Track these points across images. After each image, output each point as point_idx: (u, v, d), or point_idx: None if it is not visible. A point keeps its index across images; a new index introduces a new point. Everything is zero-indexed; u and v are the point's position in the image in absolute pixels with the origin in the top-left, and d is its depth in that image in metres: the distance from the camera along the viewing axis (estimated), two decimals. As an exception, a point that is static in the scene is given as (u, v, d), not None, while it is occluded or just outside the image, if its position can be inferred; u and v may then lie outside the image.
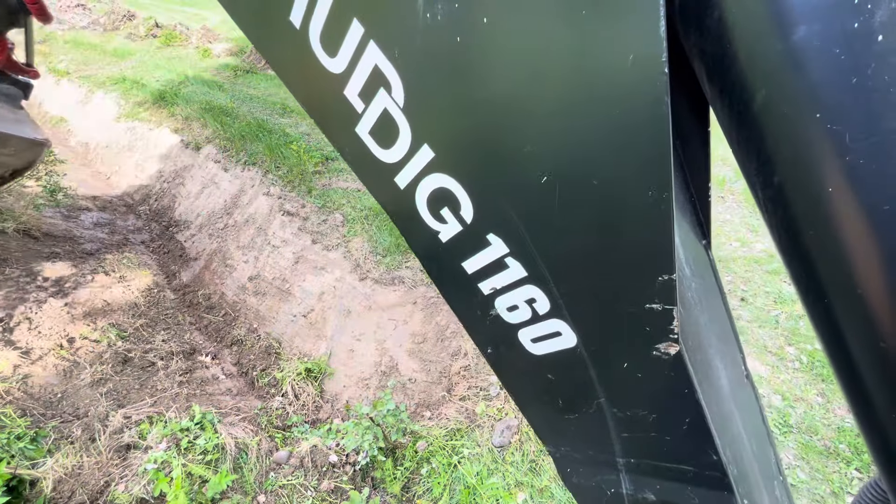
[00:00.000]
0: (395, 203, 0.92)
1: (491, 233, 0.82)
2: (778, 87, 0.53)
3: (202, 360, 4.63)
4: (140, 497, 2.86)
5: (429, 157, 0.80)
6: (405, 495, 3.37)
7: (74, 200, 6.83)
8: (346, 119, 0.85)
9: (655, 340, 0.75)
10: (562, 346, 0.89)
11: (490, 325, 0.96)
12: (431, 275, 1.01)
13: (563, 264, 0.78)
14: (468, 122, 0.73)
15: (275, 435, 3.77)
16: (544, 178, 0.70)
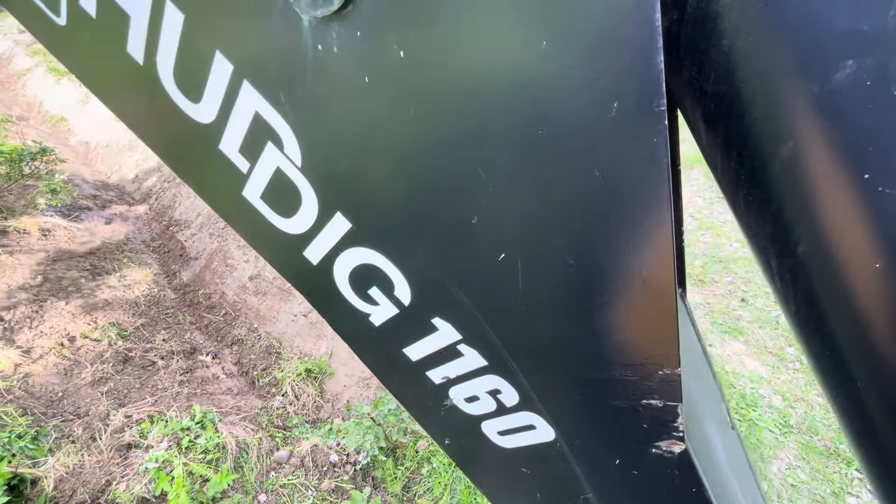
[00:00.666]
0: (307, 281, 0.75)
1: (437, 317, 0.67)
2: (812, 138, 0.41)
3: (203, 360, 4.63)
4: (141, 496, 2.86)
5: (345, 229, 0.64)
6: (406, 495, 3.37)
7: (75, 200, 6.83)
8: (227, 181, 0.67)
9: (655, 438, 0.63)
10: (537, 440, 0.75)
11: (445, 416, 0.81)
12: (365, 362, 0.84)
13: (532, 354, 0.64)
14: (391, 185, 0.57)
15: (275, 434, 3.78)
16: (502, 255, 0.55)
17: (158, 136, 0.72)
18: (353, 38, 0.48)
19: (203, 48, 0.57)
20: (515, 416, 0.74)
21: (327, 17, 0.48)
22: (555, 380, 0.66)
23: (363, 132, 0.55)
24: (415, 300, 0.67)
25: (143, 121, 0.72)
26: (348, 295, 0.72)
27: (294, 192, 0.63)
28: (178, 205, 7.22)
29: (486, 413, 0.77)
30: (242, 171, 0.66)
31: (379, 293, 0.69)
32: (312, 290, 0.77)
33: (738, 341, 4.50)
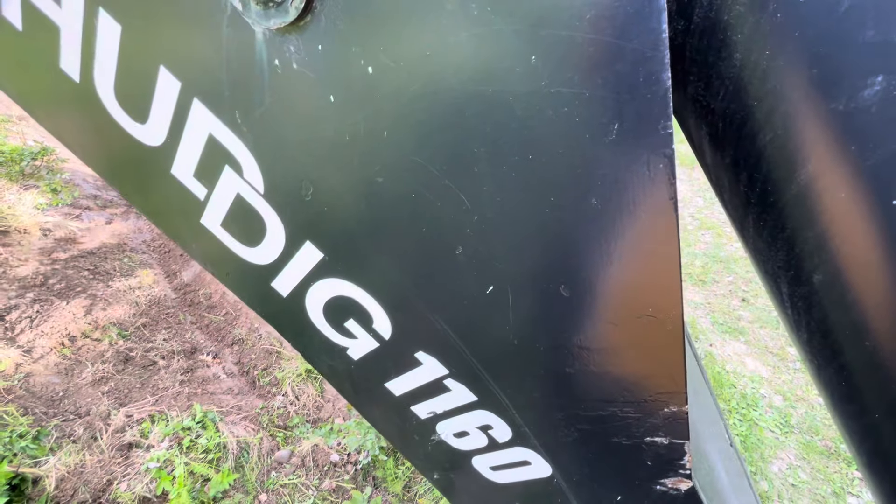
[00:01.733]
0: (278, 314, 0.69)
1: (420, 351, 0.62)
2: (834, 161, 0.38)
3: (203, 360, 4.63)
4: (142, 495, 2.86)
5: (316, 259, 0.59)
6: (407, 494, 3.37)
7: (76, 200, 6.84)
8: (183, 208, 0.61)
9: (660, 476, 0.59)
10: (532, 475, 0.71)
11: (433, 451, 0.77)
12: (346, 396, 0.79)
13: (526, 390, 0.60)
14: (364, 212, 0.52)
15: (276, 434, 3.78)
16: (490, 287, 0.51)
17: (104, 160, 0.65)
18: (314, 53, 0.43)
19: (145, 63, 0.50)
20: (509, 452, 0.69)
21: (283, 29, 0.42)
22: (551, 416, 0.61)
23: (330, 156, 0.49)
24: (396, 333, 0.62)
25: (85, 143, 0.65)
26: (323, 328, 0.66)
27: (258, 219, 0.58)
28: (179, 205, 7.24)
29: (478, 448, 0.72)
30: (199, 198, 0.59)
31: (356, 326, 0.64)
32: (284, 323, 0.71)
33: (738, 341, 4.50)
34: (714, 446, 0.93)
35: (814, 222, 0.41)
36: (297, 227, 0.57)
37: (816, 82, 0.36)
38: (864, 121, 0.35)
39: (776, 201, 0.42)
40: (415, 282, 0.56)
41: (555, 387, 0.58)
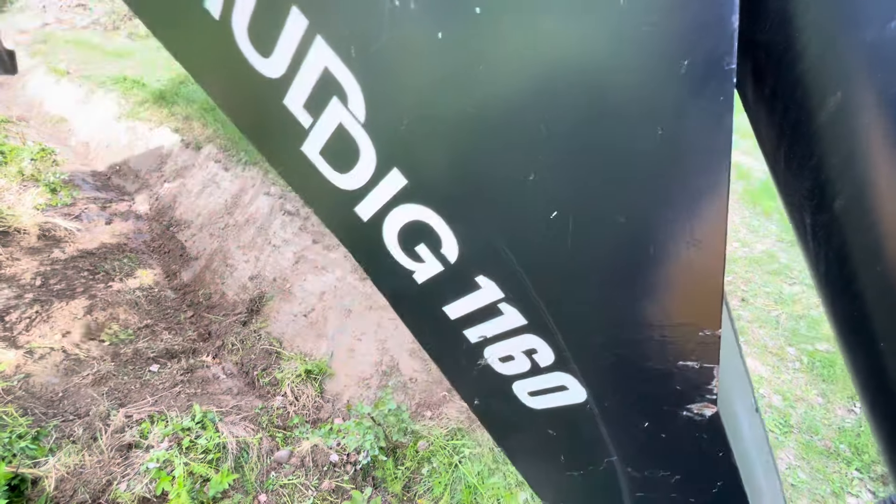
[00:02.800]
0: (355, 237, 0.76)
1: (481, 275, 0.67)
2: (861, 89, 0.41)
3: (203, 360, 4.63)
4: (142, 496, 2.86)
5: (400, 185, 0.64)
6: (406, 494, 3.38)
7: (75, 200, 6.84)
8: (288, 136, 0.68)
9: (687, 401, 0.63)
10: (567, 401, 0.76)
11: (477, 376, 0.82)
12: (403, 319, 0.85)
13: (574, 315, 0.65)
14: (453, 142, 0.58)
15: (276, 434, 3.78)
16: (554, 213, 0.56)
17: (224, 88, 0.73)
18: None
19: (280, 4, 0.57)
20: (548, 377, 0.75)
21: None
22: (593, 340, 0.66)
23: (430, 89, 0.55)
24: (461, 258, 0.67)
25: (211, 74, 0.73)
26: (395, 252, 0.73)
27: (353, 147, 0.64)
28: (179, 205, 7.23)
29: (520, 373, 0.77)
30: (304, 126, 0.66)
31: (426, 250, 0.70)
32: (360, 246, 0.78)
33: (737, 341, 4.50)
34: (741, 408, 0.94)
35: (839, 148, 0.44)
36: (388, 154, 0.63)
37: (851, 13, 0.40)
38: (890, 51, 0.38)
39: (807, 129, 0.46)
40: (487, 207, 0.61)
41: (601, 310, 0.62)
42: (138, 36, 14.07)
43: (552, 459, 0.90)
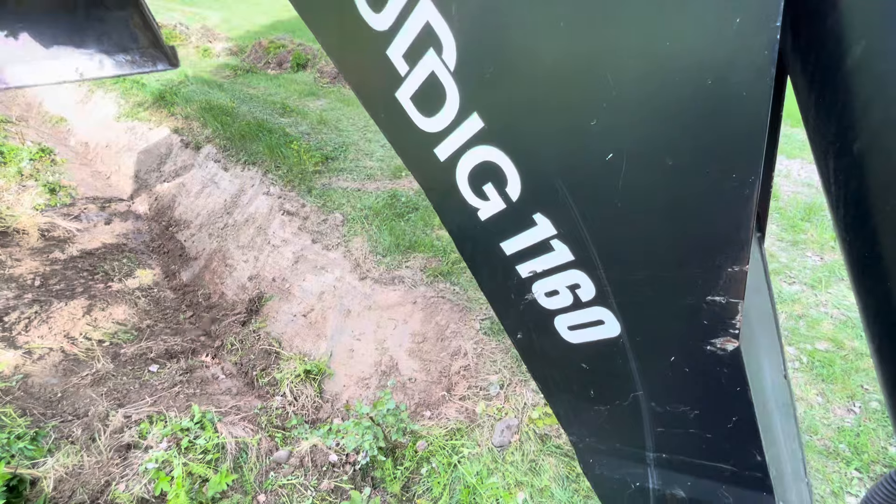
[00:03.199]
0: (431, 176, 0.85)
1: (538, 212, 0.75)
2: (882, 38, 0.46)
3: (202, 360, 4.63)
4: (141, 496, 2.86)
5: (477, 128, 0.73)
6: (405, 495, 3.37)
7: (74, 200, 6.83)
8: (385, 82, 0.77)
9: (712, 335, 0.68)
10: (602, 335, 0.83)
11: (524, 310, 0.91)
12: (464, 254, 0.95)
13: (617, 250, 0.71)
14: (529, 89, 0.65)
15: (275, 434, 3.78)
16: (610, 155, 0.62)
17: (336, 38, 0.83)
18: None
19: None
20: (588, 311, 0.81)
21: None
22: (633, 276, 0.71)
23: (515, 42, 0.62)
24: (522, 196, 0.75)
25: (325, 25, 0.83)
26: (464, 190, 0.81)
27: (441, 93, 0.72)
28: (178, 205, 7.22)
29: (562, 307, 0.84)
30: (401, 74, 0.75)
31: (492, 189, 0.78)
32: (434, 185, 0.86)
33: (737, 341, 4.49)
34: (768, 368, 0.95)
35: (860, 94, 0.50)
36: (471, 99, 0.70)
37: None
38: None
39: (834, 77, 0.51)
40: (552, 149, 0.68)
41: (642, 248, 0.68)
42: (138, 36, 14.04)
43: (583, 394, 0.98)
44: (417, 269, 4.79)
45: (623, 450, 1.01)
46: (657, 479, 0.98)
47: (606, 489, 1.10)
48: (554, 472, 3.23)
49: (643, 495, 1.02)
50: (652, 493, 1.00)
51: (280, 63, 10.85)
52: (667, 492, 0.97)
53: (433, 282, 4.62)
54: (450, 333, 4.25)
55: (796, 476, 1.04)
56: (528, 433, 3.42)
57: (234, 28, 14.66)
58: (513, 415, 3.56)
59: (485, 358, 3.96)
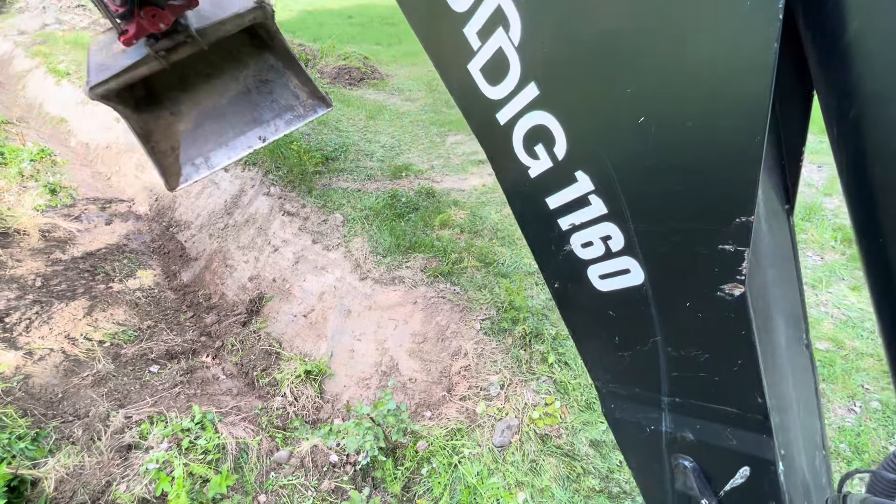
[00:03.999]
0: (491, 138, 0.97)
1: (580, 170, 0.86)
2: (869, 21, 0.55)
3: (203, 361, 4.63)
4: (142, 497, 2.87)
5: (533, 95, 0.84)
6: (406, 495, 3.37)
7: (75, 201, 6.84)
8: (460, 56, 0.90)
9: (722, 281, 0.77)
10: (628, 283, 0.92)
11: (562, 261, 1.02)
12: (514, 209, 1.06)
13: (644, 203, 0.81)
14: (578, 62, 0.76)
15: (275, 435, 3.78)
16: (641, 118, 0.73)
17: (424, 20, 0.97)
18: None
19: None
20: (617, 261, 0.91)
21: None
22: (656, 227, 0.82)
23: (570, 22, 0.74)
24: (567, 155, 0.86)
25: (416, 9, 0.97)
26: (518, 150, 0.93)
27: (505, 65, 0.84)
28: (178, 206, 7.23)
29: (595, 258, 0.95)
30: (473, 49, 0.88)
31: (542, 149, 0.89)
32: (493, 145, 0.99)
33: (737, 341, 4.49)
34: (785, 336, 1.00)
35: (853, 67, 0.58)
36: (529, 70, 0.82)
37: None
38: None
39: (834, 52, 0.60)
40: (595, 113, 0.79)
41: (666, 202, 0.78)
42: (138, 36, 14.05)
43: (609, 340, 1.07)
44: (418, 270, 4.79)
45: (641, 394, 1.09)
46: (670, 423, 1.06)
47: (624, 433, 1.19)
48: (554, 472, 3.23)
49: (656, 438, 1.09)
50: (664, 435, 1.08)
51: (280, 63, 10.85)
52: (678, 434, 1.05)
53: (433, 282, 4.62)
54: (450, 334, 4.25)
55: (810, 442, 1.09)
56: (529, 433, 3.42)
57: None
58: (513, 415, 3.56)
59: (485, 358, 3.96)
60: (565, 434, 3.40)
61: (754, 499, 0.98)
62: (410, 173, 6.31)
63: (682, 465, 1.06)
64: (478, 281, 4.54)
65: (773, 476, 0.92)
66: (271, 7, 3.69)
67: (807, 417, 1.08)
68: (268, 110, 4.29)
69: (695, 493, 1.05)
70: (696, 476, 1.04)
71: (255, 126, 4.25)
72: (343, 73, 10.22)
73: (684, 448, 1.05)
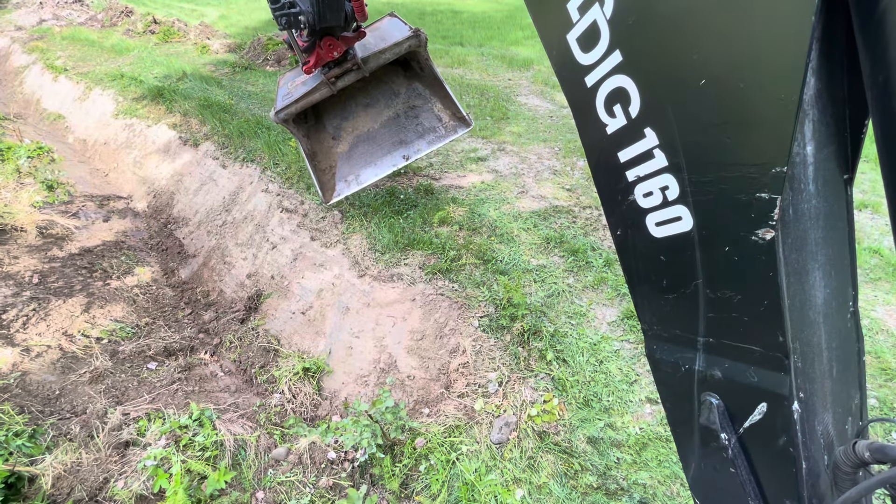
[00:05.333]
0: (579, 98, 1.10)
1: (648, 127, 0.98)
2: None
3: (201, 358, 4.63)
4: (139, 493, 2.86)
5: (617, 61, 0.97)
6: (404, 492, 3.38)
7: (72, 197, 6.82)
8: (562, 27, 1.05)
9: (757, 226, 0.88)
10: (679, 229, 1.04)
11: (626, 209, 1.14)
12: (591, 162, 1.19)
13: (699, 155, 0.92)
14: (656, 33, 0.88)
15: (273, 432, 3.78)
16: (703, 80, 0.84)
17: None
18: None
19: None
20: (671, 209, 1.03)
21: None
22: (706, 177, 0.93)
23: None
24: (640, 114, 0.98)
25: None
26: (600, 110, 1.06)
27: (597, 35, 0.97)
28: (177, 203, 7.21)
29: (653, 206, 1.07)
30: (573, 21, 1.02)
31: (619, 109, 1.02)
32: (578, 104, 1.11)
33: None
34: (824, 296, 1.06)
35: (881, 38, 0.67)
36: (616, 40, 0.95)
37: None
38: None
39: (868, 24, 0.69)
40: (666, 76, 0.91)
41: (716, 153, 0.88)
42: (135, 32, 13.99)
43: (658, 284, 1.19)
44: (416, 267, 4.79)
45: (680, 336, 1.21)
46: (703, 362, 1.17)
47: (662, 372, 1.31)
48: (552, 468, 3.24)
49: (689, 376, 1.21)
50: (696, 374, 1.19)
51: (279, 60, 10.81)
52: (707, 373, 1.16)
53: (432, 279, 4.61)
54: (448, 331, 4.25)
55: (842, 405, 1.15)
56: (527, 430, 3.43)
57: (232, 24, 14.61)
58: (511, 412, 3.57)
59: (483, 355, 3.96)
60: (563, 431, 3.40)
61: (769, 434, 1.07)
62: (409, 170, 6.29)
63: (708, 402, 1.17)
64: (476, 278, 4.53)
65: (788, 412, 1.01)
66: (425, 36, 4.12)
67: (842, 381, 1.13)
68: (412, 132, 4.81)
69: (716, 427, 1.16)
70: (719, 412, 1.15)
71: (400, 147, 4.77)
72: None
73: (712, 385, 1.16)
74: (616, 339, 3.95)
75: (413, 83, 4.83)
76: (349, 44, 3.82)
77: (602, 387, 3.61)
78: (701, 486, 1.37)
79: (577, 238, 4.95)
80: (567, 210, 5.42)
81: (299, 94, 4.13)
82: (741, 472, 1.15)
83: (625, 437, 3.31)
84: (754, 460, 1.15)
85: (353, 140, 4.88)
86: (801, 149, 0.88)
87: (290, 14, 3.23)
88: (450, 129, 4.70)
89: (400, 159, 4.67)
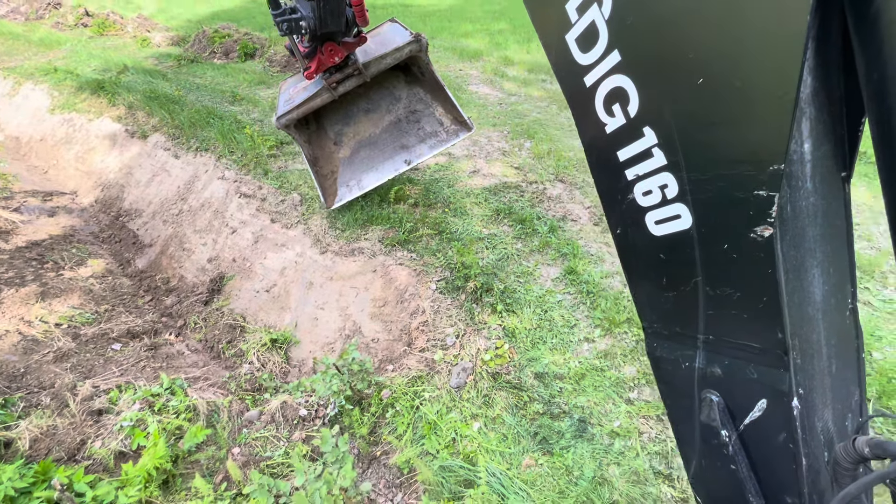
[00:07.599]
0: (578, 98, 1.10)
1: (647, 126, 0.98)
2: None
3: (166, 339, 4.70)
4: (118, 450, 3.01)
5: (616, 61, 0.97)
6: (372, 437, 3.68)
7: (13, 194, 6.56)
8: (560, 28, 1.05)
9: (755, 223, 0.87)
10: (679, 227, 1.03)
11: (625, 208, 1.14)
12: (590, 161, 1.19)
13: (697, 154, 0.92)
14: (654, 33, 0.88)
15: (245, 397, 3.97)
16: (700, 80, 0.84)
17: None
18: None
19: None
20: (671, 207, 1.04)
21: None
22: (704, 175, 0.93)
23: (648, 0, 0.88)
24: (638, 113, 0.98)
25: None
26: (599, 109, 1.06)
27: (595, 35, 0.98)
28: (127, 196, 7.08)
29: (653, 205, 1.07)
30: (572, 22, 1.01)
31: (618, 108, 1.02)
32: (578, 105, 1.11)
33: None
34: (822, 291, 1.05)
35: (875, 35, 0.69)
36: (615, 40, 0.95)
37: None
38: None
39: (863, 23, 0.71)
40: (664, 76, 0.91)
41: (714, 151, 0.89)
42: (66, 25, 13.24)
43: (657, 282, 1.19)
44: (376, 241, 5.07)
45: (680, 334, 1.20)
46: (703, 360, 1.16)
47: (663, 370, 1.31)
48: (505, 403, 3.65)
49: (689, 374, 1.20)
50: (696, 371, 1.18)
51: (227, 52, 10.66)
52: (708, 370, 1.15)
53: (391, 251, 4.92)
54: (408, 296, 4.58)
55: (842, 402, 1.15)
56: (482, 373, 3.82)
57: (173, 17, 14.10)
58: (467, 359, 3.95)
59: (441, 314, 4.32)
60: (513, 371, 3.83)
61: (769, 431, 1.07)
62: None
63: (709, 399, 1.16)
64: (432, 247, 4.88)
65: (787, 409, 1.00)
66: (426, 40, 4.13)
67: (842, 378, 1.13)
68: (414, 136, 4.85)
69: (717, 424, 1.15)
70: (720, 409, 1.14)
71: (402, 151, 4.82)
72: (294, 62, 10.20)
73: (713, 383, 1.15)
74: (559, 293, 4.43)
75: (414, 88, 4.86)
76: (350, 49, 3.85)
77: (546, 332, 4.07)
78: (702, 483, 1.36)
79: (524, 209, 5.40)
80: (515, 186, 5.87)
81: (300, 100, 4.13)
82: (742, 468, 1.14)
83: (566, 370, 3.78)
84: (755, 457, 1.14)
85: (354, 145, 4.93)
86: (798, 146, 0.88)
87: (292, 20, 3.24)
88: (451, 133, 4.76)
89: (402, 164, 4.72)
